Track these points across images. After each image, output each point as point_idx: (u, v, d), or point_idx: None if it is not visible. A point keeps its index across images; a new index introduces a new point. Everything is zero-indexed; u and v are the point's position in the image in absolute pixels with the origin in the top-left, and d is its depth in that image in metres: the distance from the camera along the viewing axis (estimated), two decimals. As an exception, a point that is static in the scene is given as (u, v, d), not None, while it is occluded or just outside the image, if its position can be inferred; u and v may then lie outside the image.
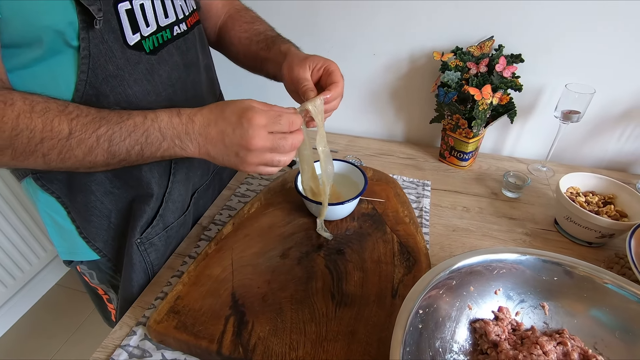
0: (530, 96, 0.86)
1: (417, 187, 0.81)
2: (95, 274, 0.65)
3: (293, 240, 0.63)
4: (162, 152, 0.45)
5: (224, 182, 0.82)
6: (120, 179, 0.56)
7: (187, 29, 0.57)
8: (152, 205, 0.59)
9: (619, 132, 0.86)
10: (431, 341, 0.43)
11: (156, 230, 0.61)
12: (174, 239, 0.66)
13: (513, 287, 0.49)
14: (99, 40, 0.44)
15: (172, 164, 0.60)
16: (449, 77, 0.79)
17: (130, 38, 0.47)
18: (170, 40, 0.54)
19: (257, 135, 0.43)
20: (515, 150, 0.96)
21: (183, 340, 0.48)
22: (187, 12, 0.58)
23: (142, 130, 0.43)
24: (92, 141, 0.41)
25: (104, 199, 0.56)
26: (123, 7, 0.46)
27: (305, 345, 0.47)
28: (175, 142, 0.44)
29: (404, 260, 0.59)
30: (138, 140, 0.43)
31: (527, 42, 0.80)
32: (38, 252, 1.43)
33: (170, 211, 0.62)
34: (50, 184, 0.54)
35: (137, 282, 0.60)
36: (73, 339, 1.39)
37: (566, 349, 0.44)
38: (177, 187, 0.62)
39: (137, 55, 0.49)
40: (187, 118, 0.45)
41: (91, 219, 0.57)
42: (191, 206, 0.69)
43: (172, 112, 0.45)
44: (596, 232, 0.63)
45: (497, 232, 0.70)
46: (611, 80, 0.79)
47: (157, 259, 0.63)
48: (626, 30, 0.74)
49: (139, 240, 0.59)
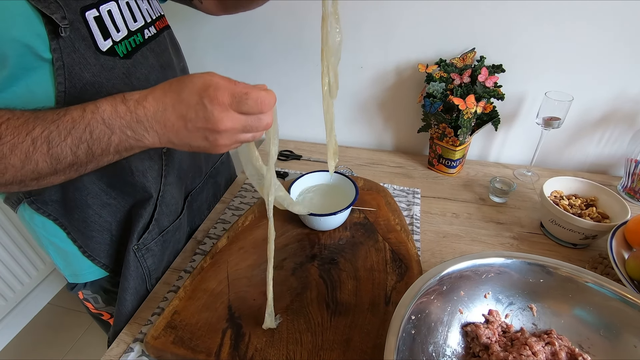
0: (513, 104, 0.89)
1: (408, 195, 0.83)
2: (100, 297, 0.65)
3: (287, 252, 0.64)
4: (115, 146, 0.39)
5: (219, 185, 0.83)
6: (115, 189, 0.56)
7: (157, 32, 0.58)
8: (147, 209, 0.58)
9: (598, 136, 0.89)
10: (424, 346, 0.44)
11: (152, 235, 0.60)
12: (170, 243, 0.66)
13: (502, 290, 0.50)
14: (71, 50, 0.44)
15: (162, 166, 0.60)
16: (434, 88, 0.82)
17: (102, 44, 0.47)
18: (143, 44, 0.54)
19: (225, 116, 0.37)
20: (501, 157, 0.99)
21: (181, 355, 0.49)
22: (154, 16, 0.58)
23: (83, 126, 0.37)
24: (27, 145, 0.36)
25: (102, 212, 0.56)
26: (91, 15, 0.46)
27: (302, 355, 0.48)
28: (127, 133, 0.38)
29: (396, 267, 0.60)
30: (82, 138, 0.37)
31: (507, 53, 0.83)
32: (30, 271, 1.41)
33: (164, 215, 0.62)
34: (45, 207, 0.53)
35: (134, 291, 0.60)
36: (67, 358, 1.36)
37: (554, 348, 0.45)
38: (170, 190, 0.62)
39: (112, 61, 0.49)
40: (134, 104, 0.38)
41: (92, 234, 0.57)
42: (185, 209, 0.69)
43: (115, 100, 0.38)
44: (580, 234, 0.65)
45: (485, 236, 0.72)
46: (588, 87, 0.83)
47: (154, 264, 0.63)
48: (600, 38, 0.77)
49: (136, 247, 0.58)
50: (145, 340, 0.51)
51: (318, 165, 0.96)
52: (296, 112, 1.06)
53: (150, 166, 0.57)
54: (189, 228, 0.73)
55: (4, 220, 1.26)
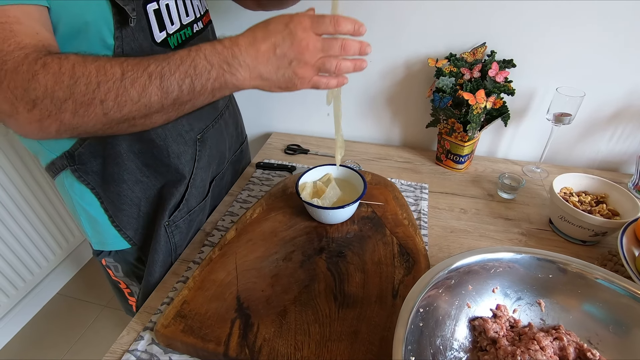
0: (523, 100, 0.88)
1: (415, 190, 0.82)
2: (120, 266, 0.70)
3: (295, 244, 0.64)
4: (212, 82, 0.43)
5: (237, 172, 0.89)
6: (150, 167, 0.61)
7: (204, 26, 0.63)
8: (180, 190, 0.64)
9: (610, 133, 0.88)
10: (432, 339, 0.44)
11: (182, 213, 0.66)
12: (194, 222, 0.72)
13: (510, 285, 0.50)
14: (131, 39, 0.49)
15: (197, 151, 0.66)
16: (443, 82, 0.82)
17: (158, 36, 0.52)
18: (191, 37, 0.60)
19: (307, 36, 0.43)
20: (509, 153, 0.98)
21: (190, 343, 0.49)
22: (202, 11, 0.64)
23: (189, 62, 0.42)
24: (144, 79, 0.40)
25: (135, 187, 0.61)
26: (151, 8, 0.51)
27: (310, 345, 0.49)
28: (224, 67, 0.43)
29: (404, 261, 0.60)
30: (187, 72, 0.42)
31: (518, 48, 0.82)
32: (40, 261, 1.43)
33: (193, 196, 0.68)
34: (86, 175, 0.58)
35: (162, 263, 0.65)
36: (75, 348, 1.39)
37: (562, 344, 0.45)
38: (200, 174, 0.68)
39: (163, 52, 0.51)
40: (229, 42, 0.44)
41: (123, 207, 0.62)
42: (210, 192, 0.74)
43: (213, 42, 0.44)
44: (589, 231, 0.64)
45: (493, 232, 0.72)
46: (600, 83, 0.82)
47: (181, 240, 0.68)
48: (613, 34, 0.76)
49: (167, 223, 0.64)
50: (155, 329, 0.51)
51: (325, 159, 0.96)
52: (303, 107, 1.06)
53: (184, 150, 0.63)
54: (210, 210, 0.78)
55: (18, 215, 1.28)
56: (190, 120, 0.63)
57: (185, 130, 0.63)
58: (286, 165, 0.91)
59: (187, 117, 0.59)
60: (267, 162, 0.93)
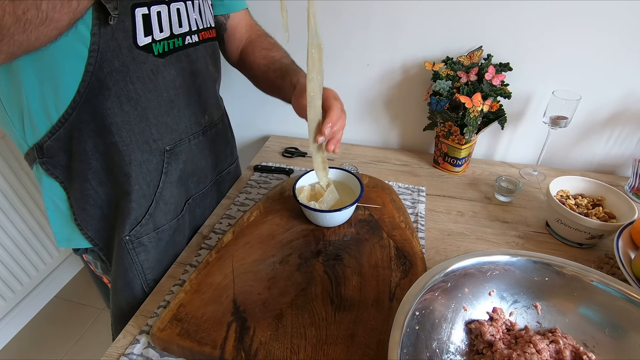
0: (520, 103, 0.89)
1: (413, 192, 0.83)
2: (99, 264, 0.68)
3: (292, 247, 0.64)
4: None
5: (222, 194, 0.83)
6: (112, 173, 0.58)
7: (199, 40, 0.62)
8: (141, 203, 0.60)
9: (606, 136, 0.88)
10: (428, 342, 0.44)
11: (146, 229, 0.62)
12: (168, 243, 0.67)
13: (506, 288, 0.50)
14: (109, 37, 0.48)
15: (163, 163, 0.62)
16: (440, 86, 0.82)
17: (141, 39, 0.51)
18: (181, 48, 0.58)
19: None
20: (506, 156, 0.98)
21: (186, 347, 0.49)
22: (200, 26, 0.62)
23: None
24: None
25: (99, 189, 0.59)
26: (140, 12, 0.50)
27: (306, 349, 0.48)
28: None
29: (401, 264, 0.60)
30: None
31: (515, 51, 0.83)
32: (37, 264, 1.43)
33: (161, 212, 0.64)
34: (54, 169, 0.57)
35: (128, 287, 0.63)
36: (73, 351, 1.38)
37: (558, 347, 0.45)
38: (169, 188, 0.64)
39: (144, 56, 0.52)
40: None
41: (85, 207, 0.60)
42: (185, 211, 0.69)
43: None
44: (586, 234, 0.64)
45: (490, 235, 0.72)
46: (597, 86, 0.82)
47: (148, 261, 0.64)
48: (609, 37, 0.77)
49: (128, 237, 0.61)
50: (151, 332, 0.51)
51: (323, 163, 0.96)
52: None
53: (148, 159, 0.59)
54: (191, 233, 0.74)
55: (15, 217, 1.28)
56: (160, 129, 0.59)
57: (153, 139, 0.59)
58: (284, 168, 0.91)
59: (157, 126, 0.58)
60: (264, 164, 0.93)
